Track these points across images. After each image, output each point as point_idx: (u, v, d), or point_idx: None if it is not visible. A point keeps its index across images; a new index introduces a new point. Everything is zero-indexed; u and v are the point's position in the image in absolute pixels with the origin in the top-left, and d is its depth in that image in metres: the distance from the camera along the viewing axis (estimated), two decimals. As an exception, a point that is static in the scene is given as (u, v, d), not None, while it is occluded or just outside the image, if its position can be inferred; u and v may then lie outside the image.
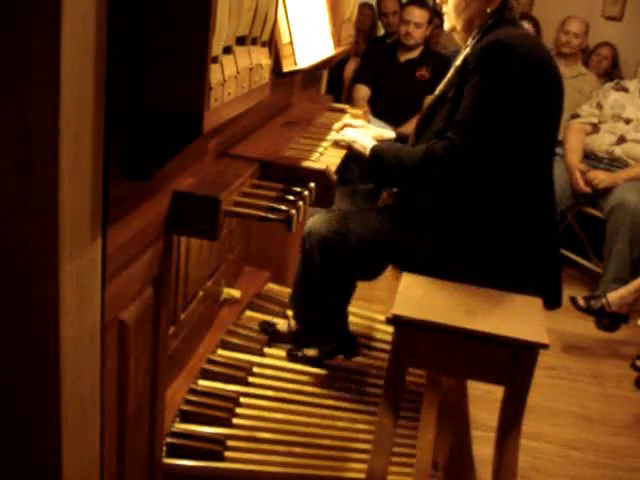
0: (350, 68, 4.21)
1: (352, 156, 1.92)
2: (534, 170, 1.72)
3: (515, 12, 1.75)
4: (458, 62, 1.75)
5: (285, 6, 1.93)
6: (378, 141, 1.90)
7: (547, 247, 1.76)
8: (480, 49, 1.64)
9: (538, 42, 1.77)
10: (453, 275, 1.69)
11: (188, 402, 1.85)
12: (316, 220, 1.86)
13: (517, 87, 1.60)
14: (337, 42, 2.56)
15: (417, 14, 3.72)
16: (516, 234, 1.70)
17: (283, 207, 1.36)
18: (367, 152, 1.82)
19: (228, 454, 1.76)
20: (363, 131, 1.96)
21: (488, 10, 1.71)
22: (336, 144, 1.91)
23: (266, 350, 2.21)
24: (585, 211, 3.54)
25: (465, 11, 1.73)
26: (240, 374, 2.03)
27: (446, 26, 1.82)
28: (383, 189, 1.99)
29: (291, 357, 2.16)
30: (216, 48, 1.10)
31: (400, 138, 2.04)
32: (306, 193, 1.46)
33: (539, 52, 1.68)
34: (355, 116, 2.40)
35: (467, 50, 1.74)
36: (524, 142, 1.65)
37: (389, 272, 1.90)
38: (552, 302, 1.75)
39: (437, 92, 1.81)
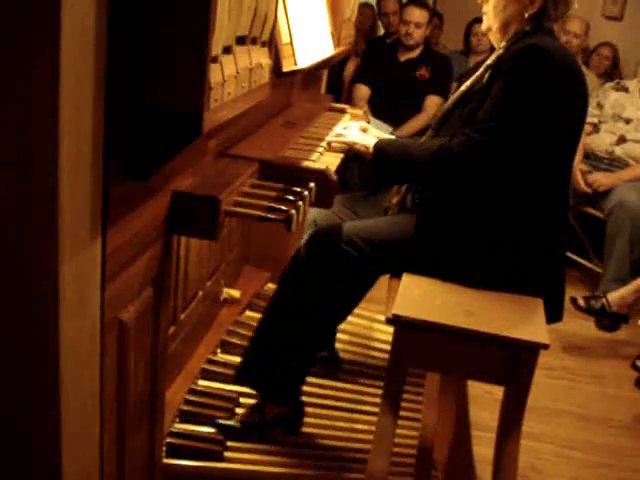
0: (350, 68, 4.21)
1: (352, 156, 1.91)
2: (550, 177, 1.69)
3: (554, 23, 1.73)
4: (489, 61, 1.73)
5: (285, 6, 1.93)
6: None
7: (554, 258, 1.74)
8: (516, 51, 1.62)
9: (570, 54, 1.75)
10: (456, 278, 1.69)
11: (188, 402, 1.85)
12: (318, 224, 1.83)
13: (546, 94, 1.59)
14: (337, 42, 2.56)
15: (417, 14, 3.72)
16: (525, 240, 1.68)
17: (283, 207, 1.36)
18: (370, 150, 1.79)
19: (228, 454, 1.76)
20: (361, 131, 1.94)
21: (526, 15, 1.69)
22: (335, 149, 1.87)
23: (266, 350, 2.21)
24: (585, 211, 3.54)
25: (503, 12, 1.72)
26: (240, 374, 2.03)
27: (483, 26, 1.81)
28: (387, 194, 1.96)
29: (222, 428, 1.83)
30: (216, 48, 1.10)
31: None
32: (306, 193, 1.46)
33: (571, 63, 1.67)
34: (355, 116, 2.40)
35: (500, 51, 1.73)
36: (543, 148, 1.63)
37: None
38: (553, 315, 1.72)
39: (463, 88, 1.79)
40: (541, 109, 1.59)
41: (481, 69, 1.76)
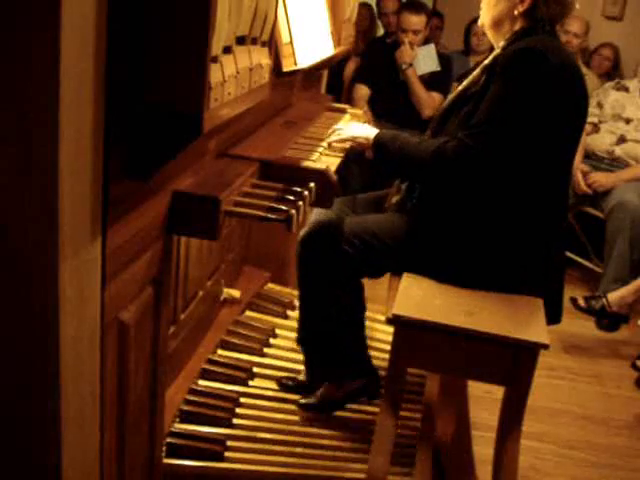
0: (350, 68, 4.21)
1: (353, 157, 1.91)
2: (549, 178, 1.68)
3: (552, 23, 1.71)
4: (487, 61, 1.73)
5: (285, 6, 1.93)
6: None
7: (553, 260, 1.73)
8: (511, 53, 1.62)
9: (570, 55, 1.73)
10: (456, 280, 1.69)
11: (188, 402, 1.85)
12: (315, 222, 1.83)
13: (539, 97, 1.58)
14: (337, 42, 2.56)
15: (414, 21, 3.70)
16: (523, 243, 1.68)
17: (283, 207, 1.36)
18: (371, 141, 1.78)
19: (228, 454, 1.76)
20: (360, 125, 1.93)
21: (515, 12, 1.69)
22: (336, 149, 1.85)
23: (266, 350, 2.21)
24: (585, 211, 3.54)
25: (495, 8, 1.73)
26: (240, 374, 2.03)
27: (479, 22, 1.84)
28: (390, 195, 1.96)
29: (305, 407, 1.97)
30: (216, 48, 1.10)
31: None
32: (306, 193, 1.46)
33: (568, 64, 1.65)
34: (355, 116, 2.40)
35: (498, 51, 1.72)
36: (539, 152, 1.62)
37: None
38: (552, 317, 1.72)
39: (460, 88, 1.79)
40: (534, 113, 1.58)
41: (478, 69, 1.76)
